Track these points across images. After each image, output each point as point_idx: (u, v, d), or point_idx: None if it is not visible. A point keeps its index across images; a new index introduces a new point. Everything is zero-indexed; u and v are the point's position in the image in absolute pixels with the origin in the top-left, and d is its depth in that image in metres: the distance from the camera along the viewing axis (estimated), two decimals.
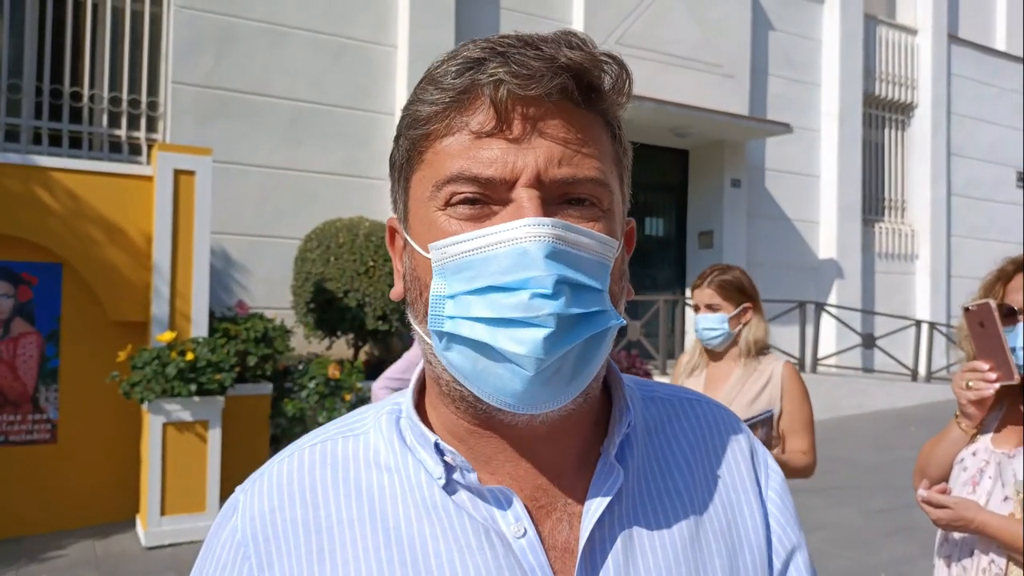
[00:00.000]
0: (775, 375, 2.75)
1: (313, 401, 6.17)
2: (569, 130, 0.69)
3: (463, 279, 0.67)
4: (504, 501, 0.73)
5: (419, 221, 0.72)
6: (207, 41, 7.90)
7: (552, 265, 0.65)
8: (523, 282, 0.64)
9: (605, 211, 0.71)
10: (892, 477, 7.07)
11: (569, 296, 0.65)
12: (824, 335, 11.43)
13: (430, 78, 0.71)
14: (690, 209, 11.87)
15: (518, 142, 0.67)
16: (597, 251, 0.69)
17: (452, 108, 0.69)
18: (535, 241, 0.65)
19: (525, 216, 0.66)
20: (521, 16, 9.64)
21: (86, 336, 5.64)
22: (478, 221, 0.68)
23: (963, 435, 2.06)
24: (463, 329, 0.67)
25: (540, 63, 0.66)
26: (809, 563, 0.85)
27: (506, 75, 0.66)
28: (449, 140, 0.70)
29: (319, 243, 7.35)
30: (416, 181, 0.73)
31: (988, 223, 14.53)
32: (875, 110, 13.45)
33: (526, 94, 0.67)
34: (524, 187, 0.67)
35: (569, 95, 0.69)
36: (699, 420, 0.87)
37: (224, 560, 0.75)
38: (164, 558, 5.05)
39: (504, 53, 0.67)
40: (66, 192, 5.48)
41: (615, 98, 0.73)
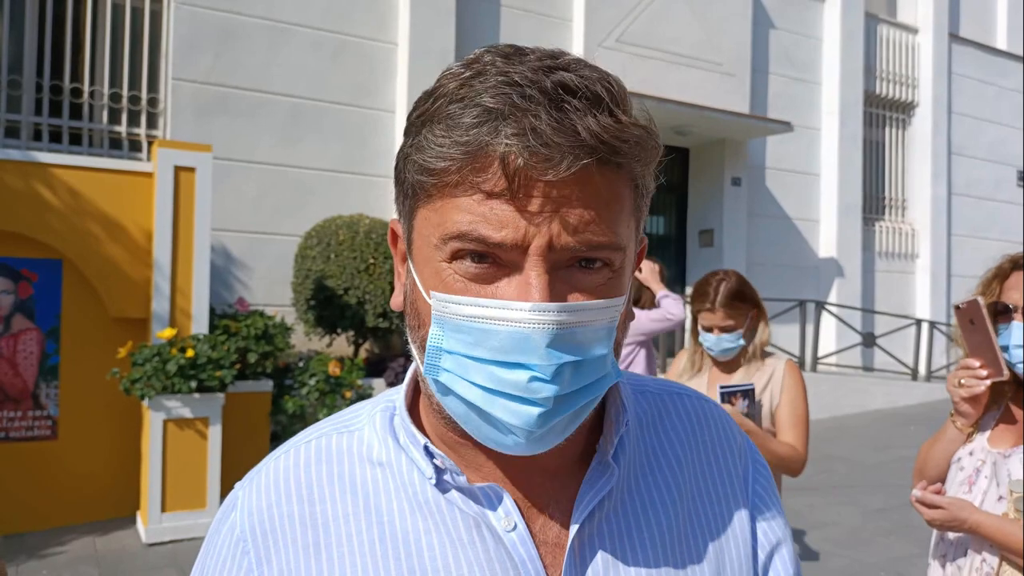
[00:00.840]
0: (777, 372, 2.77)
1: (313, 398, 6.18)
2: (586, 200, 0.65)
3: (461, 341, 0.66)
4: (495, 499, 0.74)
5: (423, 259, 0.70)
6: (207, 38, 7.90)
7: (553, 354, 0.64)
8: (523, 365, 0.64)
9: (616, 271, 0.69)
10: (891, 476, 7.07)
11: (569, 377, 0.65)
12: (824, 334, 11.43)
13: (443, 118, 0.66)
14: (690, 207, 11.87)
15: (530, 214, 0.64)
16: (604, 318, 0.68)
17: (465, 164, 0.64)
18: (537, 328, 0.63)
19: (532, 296, 0.64)
20: (521, 14, 9.63)
21: (86, 333, 5.64)
22: (483, 282, 0.66)
23: (959, 434, 2.06)
24: (459, 388, 0.67)
25: (560, 138, 0.62)
26: (794, 557, 0.86)
27: (522, 150, 0.62)
28: (459, 193, 0.65)
29: (319, 240, 7.35)
30: (422, 218, 0.70)
31: (988, 222, 14.53)
32: (876, 109, 13.44)
33: (542, 177, 0.63)
34: (535, 256, 0.64)
35: (591, 173, 0.64)
36: (688, 414, 0.88)
37: (224, 555, 0.77)
38: (164, 554, 5.05)
39: (523, 111, 0.62)
40: (66, 188, 5.48)
41: (640, 165, 0.69)
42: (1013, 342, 1.91)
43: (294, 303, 7.65)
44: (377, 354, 7.99)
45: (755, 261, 11.42)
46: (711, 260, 11.29)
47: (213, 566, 0.77)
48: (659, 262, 4.85)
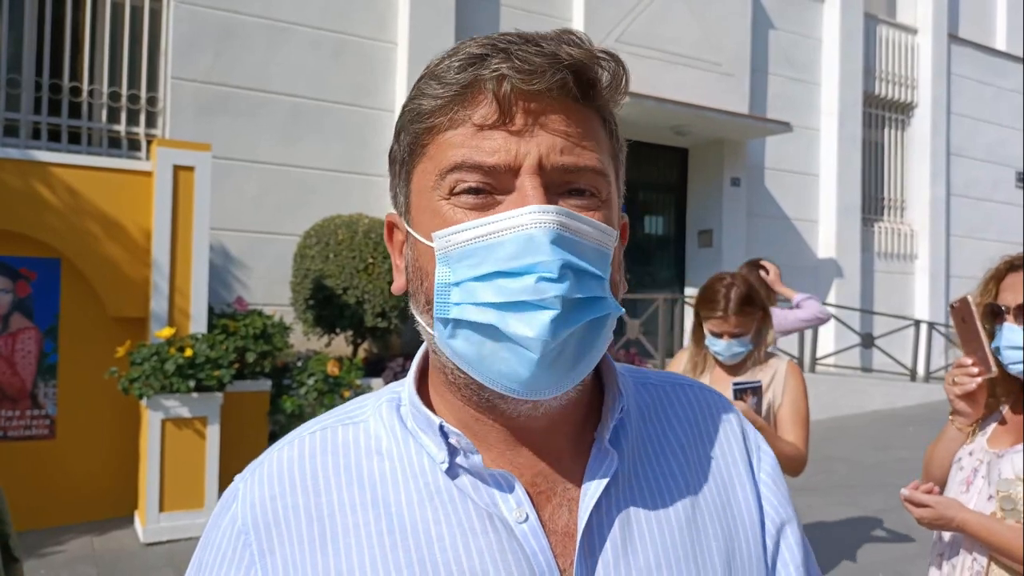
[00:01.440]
0: (779, 372, 2.78)
1: (312, 398, 6.18)
2: (569, 123, 0.70)
3: (468, 266, 0.68)
4: (506, 485, 0.74)
5: (422, 211, 0.73)
6: (207, 37, 7.89)
7: (557, 251, 0.66)
8: (530, 267, 0.66)
9: (604, 201, 0.73)
10: (890, 477, 7.07)
11: (573, 280, 0.67)
12: (823, 335, 11.43)
13: (432, 74, 0.72)
14: (689, 208, 11.87)
15: (520, 133, 0.69)
16: (598, 239, 0.71)
17: (455, 102, 0.70)
18: (541, 227, 0.66)
19: (530, 203, 0.68)
20: (521, 13, 9.63)
21: (85, 332, 5.63)
22: (482, 210, 0.70)
23: (959, 434, 2.07)
24: (470, 314, 0.68)
25: (542, 59, 0.68)
26: (800, 539, 0.86)
27: (509, 70, 0.68)
28: (452, 132, 0.71)
29: (318, 240, 7.34)
30: (419, 173, 0.74)
31: (987, 223, 14.53)
32: (875, 109, 13.45)
33: (529, 88, 0.68)
34: (528, 174, 0.69)
35: (569, 91, 0.70)
36: (691, 403, 0.89)
37: (224, 548, 0.75)
38: (162, 554, 5.05)
39: (506, 49, 0.69)
40: (65, 187, 5.48)
41: (612, 94, 0.74)
42: (1003, 344, 1.92)
43: (293, 303, 7.65)
44: (376, 354, 7.98)
45: None
46: (710, 260, 11.30)
47: (212, 560, 0.75)
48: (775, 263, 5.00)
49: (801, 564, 0.84)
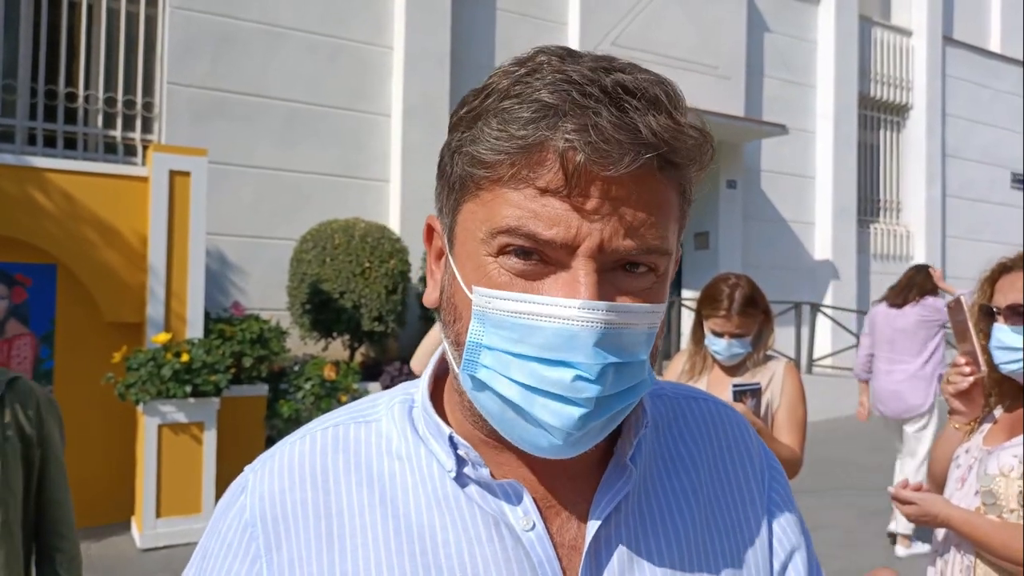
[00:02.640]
0: (777, 373, 2.78)
1: (309, 402, 6.17)
2: (641, 202, 0.64)
3: (504, 338, 0.65)
4: (514, 496, 0.73)
5: (465, 254, 0.69)
6: (203, 42, 7.89)
7: (599, 353, 0.63)
8: (568, 363, 0.63)
9: (660, 276, 0.69)
10: (888, 478, 7.07)
11: (612, 378, 0.65)
12: (820, 336, 11.44)
13: (498, 112, 0.65)
14: None
15: (583, 212, 0.63)
16: (647, 324, 0.68)
17: (519, 158, 0.64)
18: (586, 326, 0.63)
19: (580, 294, 0.63)
20: (517, 17, 9.65)
21: (81, 337, 5.62)
22: (528, 278, 0.65)
23: (957, 433, 2.09)
24: (498, 385, 0.66)
25: (622, 136, 0.61)
26: (808, 565, 0.84)
27: (583, 145, 0.61)
28: (512, 190, 0.64)
29: (315, 244, 7.34)
30: (468, 212, 0.69)
31: (983, 224, 14.57)
32: (870, 111, 13.48)
33: (603, 173, 0.62)
34: (584, 257, 0.64)
35: (647, 168, 0.64)
36: (704, 418, 0.87)
37: (231, 539, 0.74)
38: (159, 560, 5.04)
39: (583, 108, 0.62)
40: (61, 193, 5.47)
41: (694, 170, 0.69)
42: (994, 344, 1.94)
43: (289, 307, 7.64)
44: (373, 358, 7.98)
45: (750, 263, 11.43)
46: (707, 263, 11.31)
47: (218, 550, 0.75)
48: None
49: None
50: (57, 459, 2.36)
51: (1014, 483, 1.82)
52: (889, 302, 5.50)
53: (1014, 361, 1.90)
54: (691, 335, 2.97)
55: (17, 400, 2.32)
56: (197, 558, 0.77)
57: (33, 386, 2.38)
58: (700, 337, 2.89)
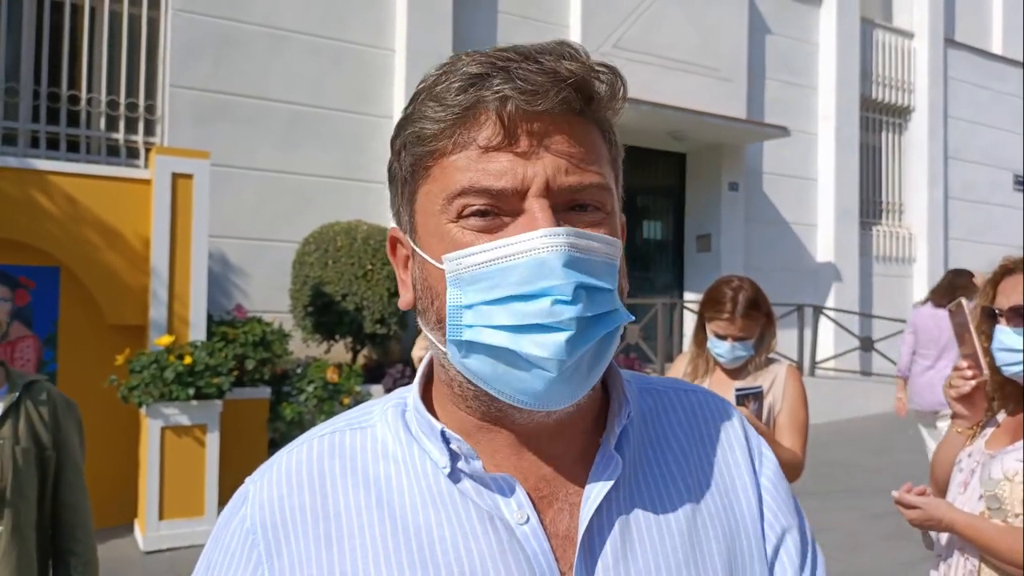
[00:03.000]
0: (779, 376, 2.78)
1: (311, 405, 6.17)
2: (572, 142, 0.71)
3: (480, 289, 0.69)
4: (507, 488, 0.75)
5: (429, 233, 0.74)
6: (205, 45, 7.90)
7: (570, 273, 0.67)
8: (544, 290, 0.67)
9: (608, 213, 0.74)
10: (891, 480, 7.04)
11: (586, 300, 0.68)
12: (822, 338, 11.43)
13: (431, 94, 0.72)
14: (688, 213, 11.88)
15: (526, 155, 0.69)
16: (606, 253, 0.72)
17: (458, 124, 0.70)
18: (552, 251, 0.67)
19: (539, 226, 0.68)
20: (518, 20, 9.66)
21: (84, 340, 5.63)
22: (491, 232, 0.70)
23: (960, 437, 2.09)
24: (484, 337, 0.69)
25: (543, 77, 0.68)
26: (801, 545, 0.85)
27: (511, 91, 0.68)
28: (456, 155, 0.71)
29: (317, 247, 7.35)
30: (423, 194, 0.74)
31: (985, 226, 14.55)
32: (872, 113, 13.47)
33: (532, 109, 0.69)
34: (535, 197, 0.69)
35: (571, 107, 0.71)
36: (693, 408, 0.89)
37: (233, 548, 0.77)
38: (162, 562, 5.04)
39: (505, 68, 0.69)
40: (64, 196, 5.48)
41: (612, 105, 0.75)
42: (996, 346, 1.94)
43: (292, 310, 7.65)
44: (375, 360, 7.98)
45: (753, 266, 11.42)
46: (709, 265, 11.30)
47: (221, 559, 0.77)
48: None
49: (799, 569, 0.84)
50: (74, 464, 2.35)
51: (1018, 487, 1.82)
52: (935, 303, 5.75)
53: (1016, 363, 1.90)
54: (693, 337, 2.97)
55: (34, 404, 2.32)
56: (201, 569, 0.79)
57: (51, 390, 2.38)
58: (702, 339, 2.89)
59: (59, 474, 2.30)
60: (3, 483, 2.13)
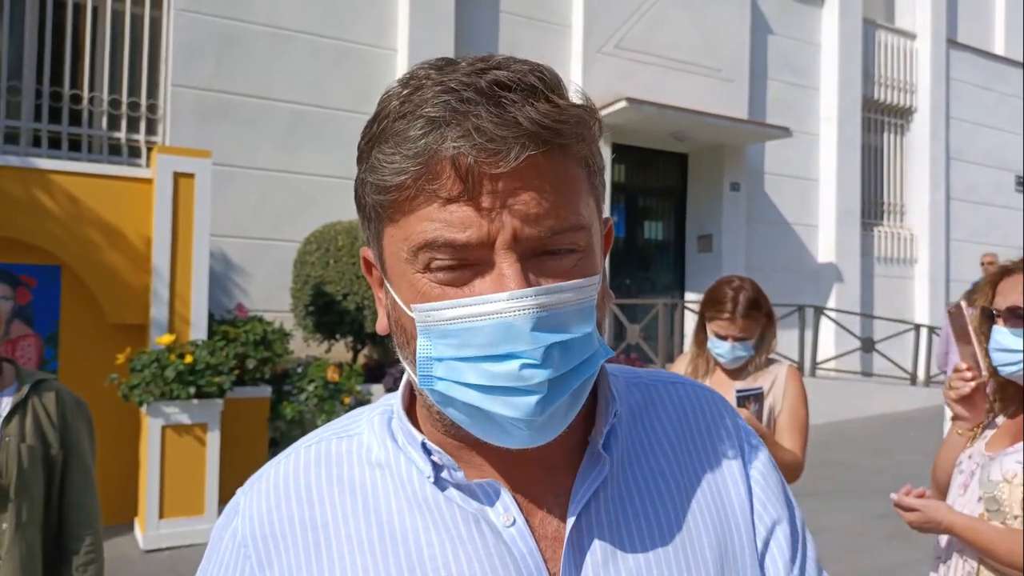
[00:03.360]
0: (779, 377, 2.78)
1: (312, 404, 6.17)
2: (542, 187, 0.66)
3: (449, 345, 0.67)
4: (492, 494, 0.75)
5: (398, 277, 0.71)
6: (207, 44, 7.91)
7: (538, 336, 0.65)
8: (512, 354, 0.65)
9: (583, 251, 0.70)
10: (891, 481, 7.05)
11: (558, 358, 0.66)
12: (823, 339, 11.42)
13: (389, 136, 0.68)
14: (689, 213, 11.87)
15: (489, 211, 0.65)
16: (579, 300, 0.69)
17: (419, 176, 0.66)
18: (520, 315, 0.65)
19: (507, 287, 0.65)
20: (520, 20, 9.65)
21: (85, 339, 5.63)
22: (459, 285, 0.67)
23: (960, 438, 2.09)
24: (455, 393, 0.68)
25: (504, 131, 0.64)
26: (791, 537, 0.84)
27: (470, 149, 0.64)
28: (419, 204, 0.67)
29: (318, 246, 7.35)
30: (389, 236, 0.71)
31: (987, 227, 14.53)
32: (874, 114, 13.46)
33: (493, 172, 0.64)
34: (502, 250, 0.66)
35: (536, 150, 0.66)
36: (681, 401, 0.88)
37: (227, 561, 0.78)
38: (163, 561, 5.04)
39: (464, 114, 0.64)
40: (65, 195, 5.48)
41: (586, 143, 0.70)
42: (993, 346, 1.94)
43: (293, 309, 7.65)
44: (376, 360, 7.98)
45: (754, 266, 11.41)
46: (710, 265, 11.30)
47: (215, 572, 0.78)
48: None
49: (789, 561, 0.83)
50: (83, 463, 2.34)
51: (1017, 489, 1.81)
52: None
53: (1013, 363, 1.90)
54: (694, 337, 2.96)
55: (41, 402, 2.32)
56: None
57: (61, 389, 2.37)
58: (703, 340, 2.88)
59: (65, 474, 2.29)
60: (7, 480, 2.13)
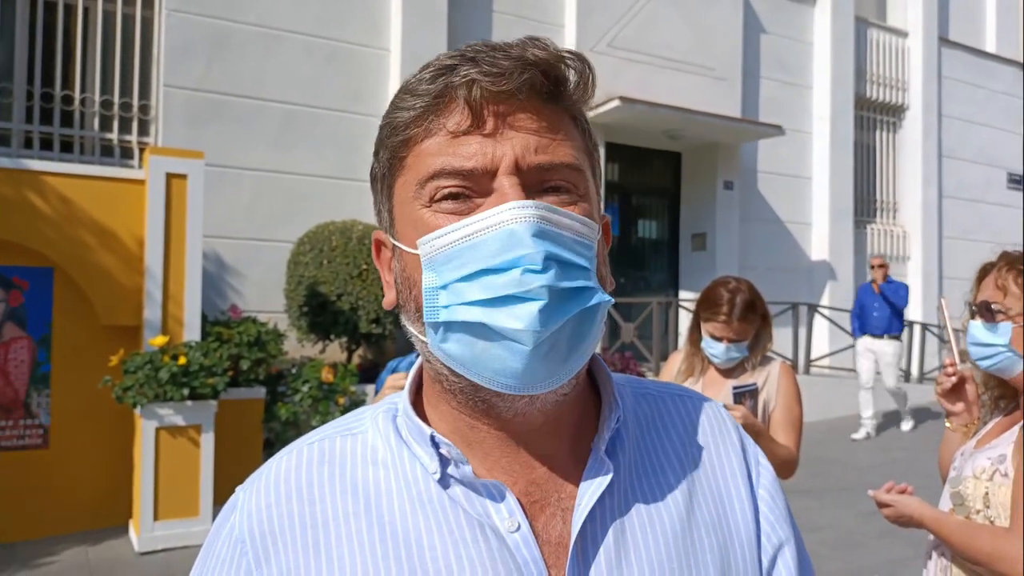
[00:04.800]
0: (772, 374, 2.78)
1: (306, 405, 6.16)
2: (541, 122, 0.72)
3: (453, 268, 0.69)
4: (497, 495, 0.74)
5: (405, 223, 0.75)
6: (199, 45, 7.89)
7: (539, 243, 0.67)
8: (514, 261, 0.67)
9: (581, 195, 0.74)
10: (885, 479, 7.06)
11: (558, 271, 0.68)
12: (817, 336, 11.45)
13: (405, 88, 0.75)
14: (683, 212, 11.89)
15: (494, 136, 0.71)
16: (579, 231, 0.71)
17: (429, 112, 0.73)
18: (521, 222, 0.67)
19: (509, 201, 0.69)
20: (513, 19, 9.65)
21: (78, 341, 5.61)
22: (463, 214, 0.71)
23: (953, 434, 2.13)
24: (459, 314, 0.68)
25: (509, 62, 0.70)
26: (798, 559, 0.85)
27: (478, 75, 0.70)
28: (428, 142, 0.73)
29: (312, 246, 7.33)
30: (399, 185, 0.76)
31: (979, 224, 14.59)
32: (866, 112, 13.50)
33: (498, 90, 0.70)
34: (505, 175, 0.70)
35: (538, 90, 0.72)
36: (689, 415, 0.88)
37: (224, 557, 0.77)
38: (157, 563, 5.03)
39: (474, 58, 0.71)
40: (57, 196, 5.46)
41: (581, 92, 0.76)
42: (969, 340, 1.99)
43: (287, 309, 7.63)
44: (370, 360, 7.97)
45: (748, 264, 11.44)
46: (704, 264, 11.32)
47: (212, 568, 0.77)
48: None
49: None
50: None
51: (982, 484, 1.84)
52: None
53: (985, 357, 1.93)
54: (688, 336, 2.97)
55: None
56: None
57: None
58: (697, 339, 2.89)
59: None
60: None
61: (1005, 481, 1.79)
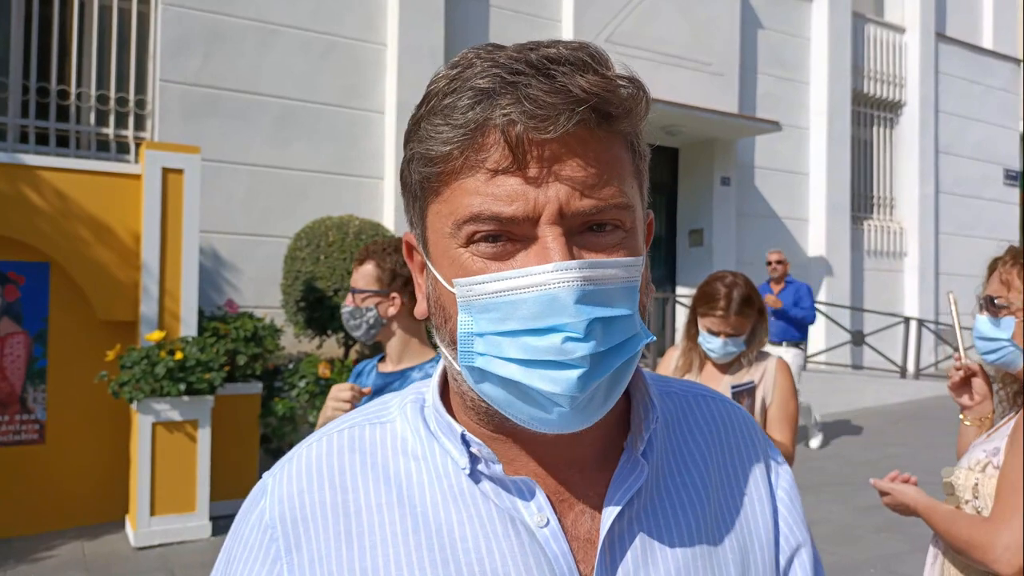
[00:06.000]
0: (768, 370, 2.80)
1: (303, 400, 6.16)
2: (588, 160, 0.67)
3: (491, 319, 0.67)
4: (527, 492, 0.74)
5: (440, 254, 0.71)
6: (196, 39, 7.86)
7: (583, 309, 0.64)
8: (555, 327, 0.64)
9: (628, 231, 0.71)
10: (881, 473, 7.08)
11: (601, 334, 0.65)
12: (813, 332, 11.47)
13: (438, 110, 0.68)
14: (680, 207, 11.90)
15: (536, 180, 0.65)
16: (624, 278, 0.69)
17: (465, 146, 0.67)
18: (564, 287, 0.64)
19: (551, 259, 0.65)
20: (510, 14, 9.63)
21: (74, 336, 5.60)
22: (502, 259, 0.67)
23: (968, 428, 2.17)
24: (495, 368, 0.67)
25: (554, 98, 0.64)
26: (814, 563, 0.86)
27: (520, 115, 0.64)
28: (465, 178, 0.67)
29: (309, 242, 7.32)
30: (433, 213, 0.72)
31: (975, 220, 14.62)
32: (863, 108, 13.51)
33: (543, 138, 0.65)
34: (548, 224, 0.66)
35: (585, 124, 0.66)
36: (713, 416, 0.89)
37: (252, 542, 0.76)
38: (154, 558, 5.03)
39: (515, 84, 0.65)
40: (54, 191, 5.45)
41: (635, 121, 0.72)
42: (975, 335, 2.00)
43: (283, 305, 7.62)
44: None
45: (745, 260, 11.45)
46: (701, 260, 11.33)
47: (240, 554, 0.76)
48: None
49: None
50: None
51: (973, 475, 1.86)
52: None
53: (990, 351, 1.95)
54: (685, 331, 2.98)
55: None
56: (221, 563, 0.79)
57: None
58: (694, 334, 2.90)
59: None
60: None
61: (996, 473, 1.81)
